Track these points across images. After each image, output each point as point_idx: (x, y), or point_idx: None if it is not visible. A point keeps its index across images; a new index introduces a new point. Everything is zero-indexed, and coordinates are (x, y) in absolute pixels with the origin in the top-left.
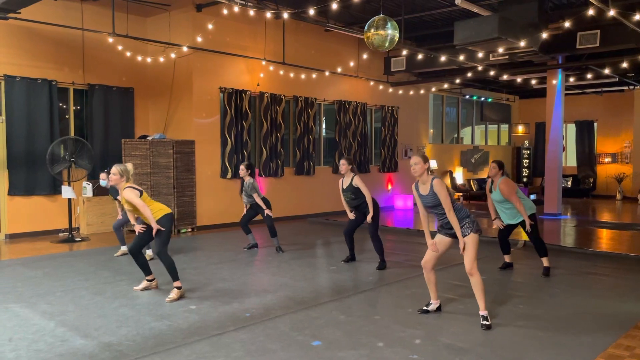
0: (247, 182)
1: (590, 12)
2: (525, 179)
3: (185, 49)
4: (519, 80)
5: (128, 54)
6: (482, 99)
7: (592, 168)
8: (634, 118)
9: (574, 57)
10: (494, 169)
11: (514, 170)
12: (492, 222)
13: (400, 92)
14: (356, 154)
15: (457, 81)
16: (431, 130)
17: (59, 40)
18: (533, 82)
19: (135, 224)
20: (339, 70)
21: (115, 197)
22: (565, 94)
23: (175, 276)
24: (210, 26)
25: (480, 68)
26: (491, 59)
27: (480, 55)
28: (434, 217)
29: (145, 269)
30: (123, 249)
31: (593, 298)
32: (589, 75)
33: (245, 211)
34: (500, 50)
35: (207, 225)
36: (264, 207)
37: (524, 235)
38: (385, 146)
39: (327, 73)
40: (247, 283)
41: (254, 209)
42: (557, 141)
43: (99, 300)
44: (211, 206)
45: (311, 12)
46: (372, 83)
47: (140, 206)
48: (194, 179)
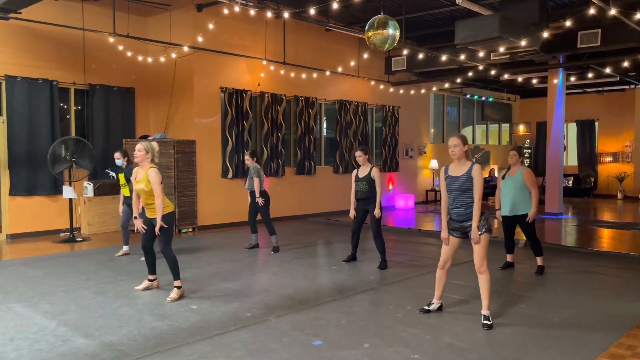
0: (253, 167)
1: (591, 11)
2: None
3: (186, 48)
4: (520, 79)
5: (129, 54)
6: (483, 98)
7: (593, 167)
8: (635, 117)
9: (575, 57)
10: (514, 157)
11: None
12: (496, 212)
13: (401, 91)
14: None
15: (458, 81)
16: (432, 130)
17: (59, 40)
18: (534, 81)
19: (137, 219)
20: (339, 69)
21: (128, 177)
22: (566, 94)
23: (176, 275)
24: (210, 26)
25: (481, 67)
26: (492, 58)
27: (481, 54)
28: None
29: (151, 267)
30: (125, 249)
31: (594, 297)
32: (590, 75)
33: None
34: (501, 49)
35: (208, 225)
36: (257, 196)
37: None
38: (386, 146)
39: (327, 73)
40: (248, 283)
41: (253, 204)
42: (558, 140)
43: (100, 300)
44: (212, 206)
45: (312, 11)
46: (372, 83)
47: (157, 194)
48: (195, 179)
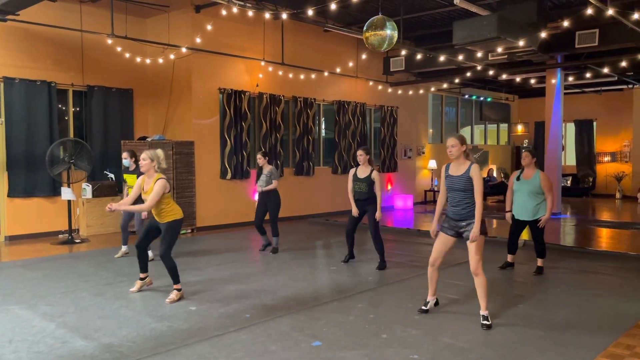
0: (269, 170)
1: (589, 11)
2: None
3: (184, 50)
4: (518, 79)
5: (127, 55)
6: (482, 98)
7: (591, 167)
8: (633, 117)
9: (573, 57)
10: (527, 158)
11: (514, 170)
12: (506, 214)
13: (399, 92)
14: (355, 155)
15: (456, 81)
16: (430, 130)
17: (58, 42)
18: (532, 81)
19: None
20: (338, 70)
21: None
22: (565, 93)
23: (176, 279)
24: (209, 27)
25: (479, 68)
26: (490, 58)
27: (479, 54)
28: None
29: (143, 266)
30: (124, 249)
31: (593, 297)
32: (588, 75)
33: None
34: (499, 49)
35: (207, 226)
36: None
37: (524, 235)
38: (384, 146)
39: (326, 73)
40: (248, 284)
41: (264, 204)
42: (556, 140)
43: (99, 301)
44: (211, 207)
45: (310, 12)
46: (371, 83)
47: (149, 204)
48: (193, 180)
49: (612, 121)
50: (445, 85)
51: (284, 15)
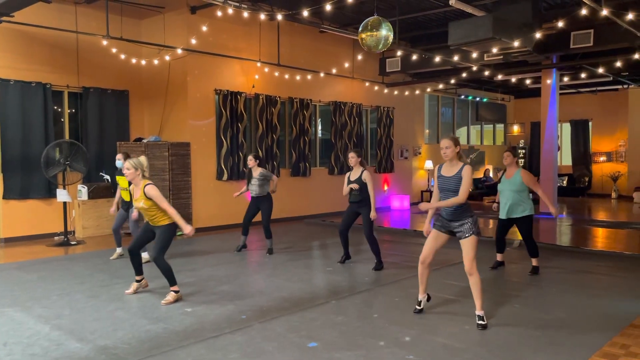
0: (260, 173)
1: (584, 12)
2: None
3: (179, 51)
4: (513, 80)
5: (122, 56)
6: (477, 99)
7: (587, 167)
8: (629, 117)
9: (568, 57)
10: (509, 157)
11: None
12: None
13: (395, 92)
14: None
15: (452, 81)
16: (427, 131)
17: (53, 43)
18: (528, 81)
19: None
20: (334, 71)
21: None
22: (560, 94)
23: (172, 281)
24: (204, 28)
25: (475, 68)
26: (486, 59)
27: (474, 55)
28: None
29: (137, 269)
30: (118, 250)
31: (588, 297)
32: (583, 75)
33: (248, 207)
34: (495, 50)
35: (203, 228)
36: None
37: (519, 235)
38: (381, 147)
39: (322, 74)
40: (243, 285)
41: (256, 207)
42: (552, 140)
43: (95, 303)
44: (207, 208)
45: (305, 13)
46: (367, 84)
47: (165, 208)
48: (189, 181)
49: (608, 121)
50: (441, 86)
51: (280, 16)
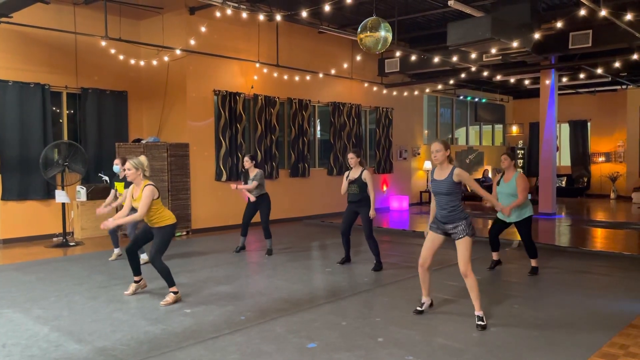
0: (255, 174)
1: (582, 12)
2: None
3: (178, 51)
4: (512, 80)
5: (121, 57)
6: (476, 99)
7: (586, 167)
8: (627, 117)
9: (566, 57)
10: (507, 161)
11: None
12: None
13: (394, 93)
14: None
15: (451, 82)
16: (426, 131)
17: (51, 44)
18: (526, 82)
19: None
20: (332, 72)
21: (128, 186)
22: (559, 94)
23: (170, 282)
24: (203, 29)
25: (473, 69)
26: (484, 59)
27: (473, 56)
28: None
29: (136, 270)
30: (116, 251)
31: (587, 297)
32: (581, 75)
33: (246, 207)
34: (493, 51)
35: (202, 229)
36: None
37: (518, 236)
38: (380, 147)
39: (321, 75)
40: (242, 286)
41: (254, 207)
42: (551, 141)
43: (93, 304)
44: (206, 209)
45: (304, 14)
46: (366, 84)
47: (142, 212)
48: (188, 182)
49: (606, 122)
50: (440, 87)
51: (278, 17)
